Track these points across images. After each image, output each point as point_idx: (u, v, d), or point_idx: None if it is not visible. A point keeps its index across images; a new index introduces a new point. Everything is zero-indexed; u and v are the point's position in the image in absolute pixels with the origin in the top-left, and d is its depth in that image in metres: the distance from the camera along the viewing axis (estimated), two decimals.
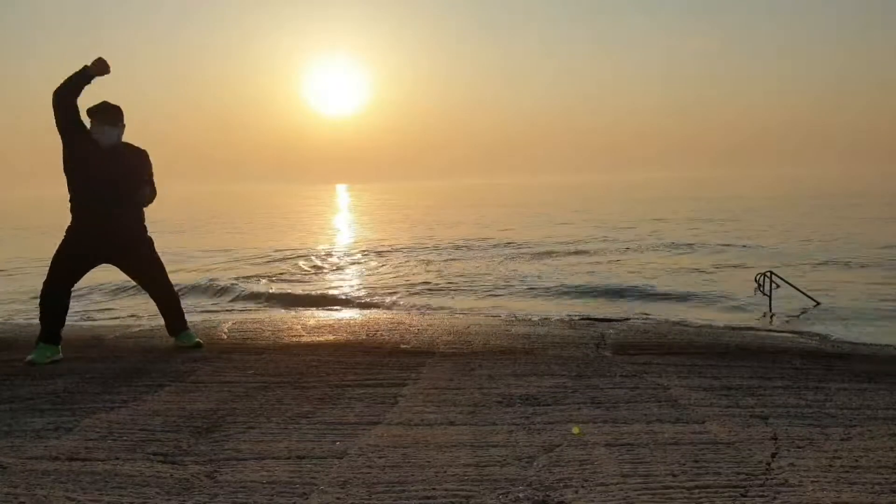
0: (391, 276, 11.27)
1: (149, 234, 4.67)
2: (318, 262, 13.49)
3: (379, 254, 14.88)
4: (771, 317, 6.94)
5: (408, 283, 10.20)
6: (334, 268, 12.71)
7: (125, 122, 4.47)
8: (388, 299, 8.59)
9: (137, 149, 4.56)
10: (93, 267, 4.54)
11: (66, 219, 4.45)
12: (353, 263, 13.37)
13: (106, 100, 4.39)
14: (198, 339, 4.78)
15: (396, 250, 15.36)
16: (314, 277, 11.38)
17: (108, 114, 4.35)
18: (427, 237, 18.80)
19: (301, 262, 13.42)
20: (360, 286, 10.17)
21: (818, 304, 7.36)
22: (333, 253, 15.56)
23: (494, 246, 15.55)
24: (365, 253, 15.23)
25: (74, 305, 8.27)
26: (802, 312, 7.09)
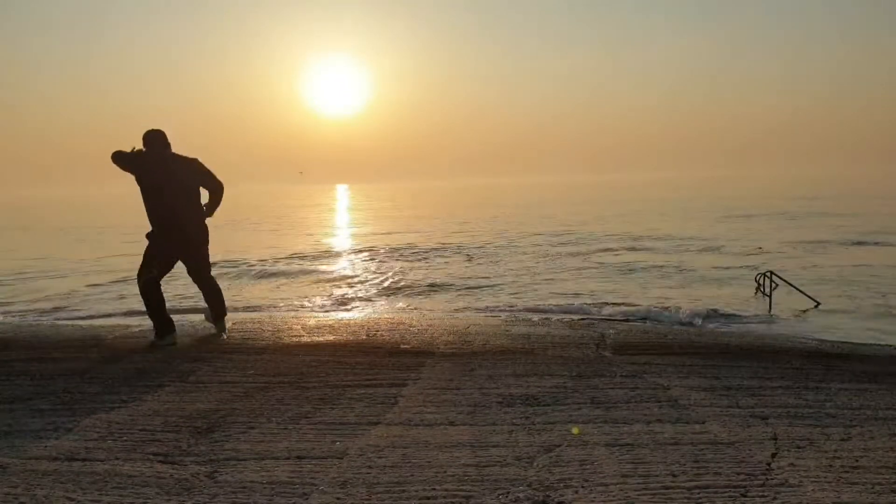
0: (391, 275, 11.26)
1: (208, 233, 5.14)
2: (318, 262, 13.49)
3: (378, 254, 14.88)
4: (771, 317, 6.93)
5: (407, 282, 10.20)
6: (334, 268, 12.70)
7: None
8: (388, 299, 8.59)
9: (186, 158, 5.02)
10: (174, 262, 5.01)
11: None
12: (353, 264, 13.37)
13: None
14: (225, 333, 5.26)
15: (397, 250, 15.36)
16: (314, 277, 11.37)
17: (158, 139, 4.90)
18: (426, 236, 18.80)
19: (301, 262, 13.42)
20: (360, 286, 10.16)
21: (818, 304, 7.36)
22: (333, 253, 15.56)
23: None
24: (365, 253, 15.23)
25: (73, 305, 8.36)
26: (802, 312, 7.09)
